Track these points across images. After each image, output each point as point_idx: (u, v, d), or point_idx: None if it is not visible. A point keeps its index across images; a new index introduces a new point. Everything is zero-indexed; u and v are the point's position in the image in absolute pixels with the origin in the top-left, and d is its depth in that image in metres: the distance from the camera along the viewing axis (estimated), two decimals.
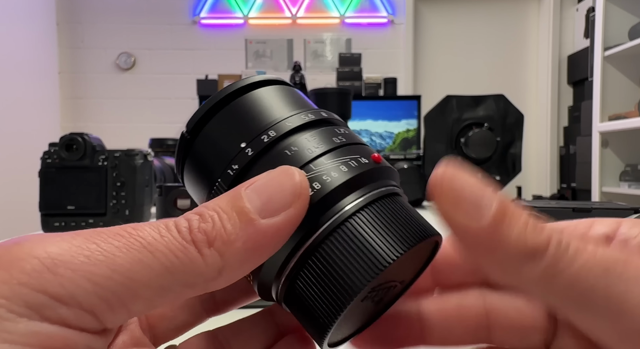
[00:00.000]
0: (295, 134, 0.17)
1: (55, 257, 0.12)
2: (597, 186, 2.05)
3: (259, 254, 0.14)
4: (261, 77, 0.19)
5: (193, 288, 0.14)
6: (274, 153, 0.16)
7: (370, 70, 2.87)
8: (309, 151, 0.16)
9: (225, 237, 0.14)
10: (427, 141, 1.14)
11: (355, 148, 0.17)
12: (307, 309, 0.16)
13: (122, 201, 0.78)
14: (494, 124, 1.10)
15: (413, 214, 0.17)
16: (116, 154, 0.79)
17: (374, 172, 0.16)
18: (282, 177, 0.15)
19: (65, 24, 3.07)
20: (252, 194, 0.15)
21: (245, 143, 0.17)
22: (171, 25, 3.12)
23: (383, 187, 0.17)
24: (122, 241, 0.13)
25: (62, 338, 0.12)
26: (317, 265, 0.15)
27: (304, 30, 3.15)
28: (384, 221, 0.15)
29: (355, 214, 0.15)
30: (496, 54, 3.20)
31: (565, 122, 3.17)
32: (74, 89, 3.10)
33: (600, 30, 1.98)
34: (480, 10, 3.19)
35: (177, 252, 0.13)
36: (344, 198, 0.16)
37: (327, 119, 0.18)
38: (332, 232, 0.15)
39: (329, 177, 0.16)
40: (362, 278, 0.15)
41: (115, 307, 0.13)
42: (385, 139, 2.53)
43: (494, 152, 1.08)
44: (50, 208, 0.77)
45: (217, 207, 0.14)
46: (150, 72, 3.13)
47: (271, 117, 0.17)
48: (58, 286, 0.12)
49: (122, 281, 0.12)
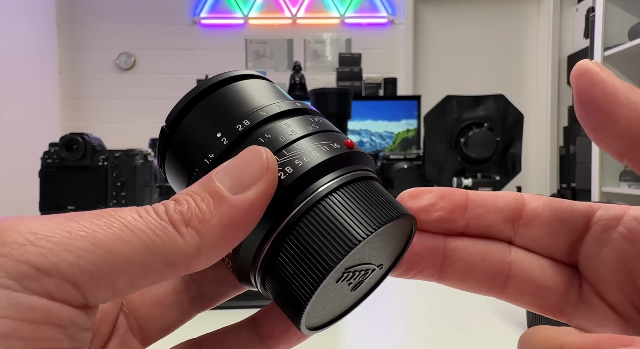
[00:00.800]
0: (269, 123, 0.17)
1: (36, 232, 0.12)
2: (597, 186, 2.05)
3: (235, 230, 0.15)
4: (238, 71, 0.19)
5: (174, 267, 0.14)
6: (248, 141, 0.17)
7: (370, 70, 2.87)
8: (282, 137, 0.17)
9: (201, 215, 0.14)
10: (427, 141, 1.14)
11: (328, 135, 0.18)
12: (283, 291, 0.16)
13: (122, 201, 0.78)
14: (494, 124, 1.10)
15: (386, 196, 0.17)
16: (116, 154, 0.79)
17: (346, 157, 0.17)
18: (249, 156, 0.16)
19: (65, 24, 3.07)
20: (222, 175, 0.15)
21: (220, 133, 0.17)
22: (171, 26, 3.12)
23: (356, 171, 0.17)
24: (102, 220, 0.13)
25: (44, 310, 0.12)
26: (291, 246, 0.16)
27: (304, 30, 3.15)
28: (357, 202, 0.16)
29: (328, 195, 0.16)
30: (496, 54, 3.20)
31: (565, 122, 3.17)
32: (74, 89, 3.10)
33: (600, 31, 1.98)
34: (480, 10, 3.19)
35: (157, 231, 0.14)
36: (317, 181, 0.16)
37: (302, 109, 0.19)
38: (305, 213, 0.16)
39: (301, 162, 0.16)
40: (334, 256, 0.15)
41: (98, 280, 0.13)
42: (385, 139, 2.53)
43: (494, 152, 1.08)
44: (50, 208, 0.77)
45: (190, 191, 0.15)
46: (150, 72, 3.13)
47: (247, 107, 0.18)
48: (40, 256, 0.12)
49: (104, 255, 0.13)
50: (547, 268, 0.18)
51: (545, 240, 0.18)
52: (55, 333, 0.12)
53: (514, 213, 0.18)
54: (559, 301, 0.18)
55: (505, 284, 0.18)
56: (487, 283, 0.18)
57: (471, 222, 0.19)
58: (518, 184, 2.77)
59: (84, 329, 0.13)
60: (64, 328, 0.12)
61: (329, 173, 0.16)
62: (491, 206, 0.19)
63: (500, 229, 0.19)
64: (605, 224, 0.17)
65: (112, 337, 0.18)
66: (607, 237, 0.17)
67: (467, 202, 0.19)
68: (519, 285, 0.18)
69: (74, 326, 0.13)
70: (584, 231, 0.18)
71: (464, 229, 0.19)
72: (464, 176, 1.10)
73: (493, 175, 1.10)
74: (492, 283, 0.18)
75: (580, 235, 0.18)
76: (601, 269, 0.17)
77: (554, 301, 0.18)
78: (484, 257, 0.18)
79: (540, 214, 0.18)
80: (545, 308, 0.18)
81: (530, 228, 0.18)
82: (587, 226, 0.18)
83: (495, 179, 1.09)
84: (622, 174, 2.02)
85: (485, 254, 0.18)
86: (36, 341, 0.12)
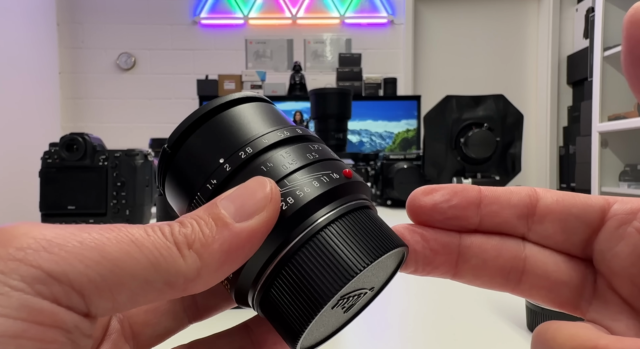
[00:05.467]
0: (271, 150, 0.18)
1: (50, 239, 0.13)
2: (596, 186, 2.05)
3: (235, 256, 0.15)
4: (240, 94, 0.20)
5: (173, 288, 0.14)
6: (250, 169, 0.17)
7: (370, 70, 2.87)
8: (283, 167, 0.17)
9: (203, 239, 0.15)
10: (427, 141, 1.14)
11: (328, 164, 0.18)
12: (280, 316, 0.17)
13: (123, 201, 0.78)
14: (493, 124, 1.10)
15: (381, 226, 0.18)
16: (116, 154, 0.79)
17: (345, 187, 0.18)
18: (254, 185, 0.16)
19: (65, 24, 3.07)
20: (227, 203, 0.16)
21: (223, 159, 0.18)
22: (171, 26, 3.13)
23: (353, 201, 0.18)
24: (112, 234, 0.14)
25: (52, 314, 0.12)
26: (290, 275, 0.16)
27: (304, 30, 3.15)
28: (353, 233, 0.17)
29: (326, 227, 0.16)
30: (496, 54, 3.21)
31: (564, 122, 3.17)
32: (74, 89, 3.10)
33: (599, 31, 1.98)
34: (480, 10, 3.19)
35: (162, 250, 0.14)
36: (316, 212, 0.17)
37: (303, 136, 0.19)
38: (305, 244, 0.16)
39: (302, 193, 0.17)
40: (331, 288, 0.16)
41: (102, 291, 0.13)
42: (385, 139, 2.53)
43: (493, 152, 1.08)
44: (51, 208, 0.77)
45: (195, 215, 0.16)
46: (150, 72, 3.13)
47: (249, 133, 0.18)
48: (52, 263, 0.12)
49: (111, 268, 0.13)
50: (561, 263, 0.18)
51: (559, 236, 0.18)
52: (60, 337, 0.13)
53: (528, 210, 0.18)
54: (573, 295, 0.18)
55: (519, 279, 0.18)
56: (501, 279, 0.19)
57: (485, 219, 0.19)
58: (518, 184, 2.77)
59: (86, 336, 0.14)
60: (69, 332, 0.13)
61: (328, 204, 0.17)
62: (504, 203, 0.19)
63: (514, 225, 0.19)
64: (621, 219, 0.17)
65: (104, 341, 0.18)
66: (622, 232, 0.17)
67: (480, 199, 0.19)
68: (534, 280, 0.18)
69: (78, 331, 0.13)
70: (599, 226, 0.18)
71: (477, 225, 0.19)
72: (463, 176, 1.10)
73: (493, 175, 1.10)
74: (507, 278, 0.19)
75: (595, 230, 0.18)
76: (615, 263, 0.17)
77: (568, 296, 0.18)
78: (499, 253, 0.18)
79: (554, 210, 0.18)
80: (559, 302, 0.18)
81: (544, 224, 0.18)
82: (602, 220, 0.18)
83: (495, 179, 1.09)
84: (622, 174, 2.02)
85: (500, 251, 0.18)
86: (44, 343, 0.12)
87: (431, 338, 0.41)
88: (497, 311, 0.46)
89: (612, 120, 1.96)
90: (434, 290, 0.53)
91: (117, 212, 0.78)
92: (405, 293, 0.53)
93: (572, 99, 3.14)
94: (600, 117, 2.00)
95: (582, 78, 2.85)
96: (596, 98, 2.02)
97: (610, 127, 1.95)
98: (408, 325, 0.44)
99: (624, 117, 1.92)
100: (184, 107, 3.04)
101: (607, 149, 2.03)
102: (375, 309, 0.49)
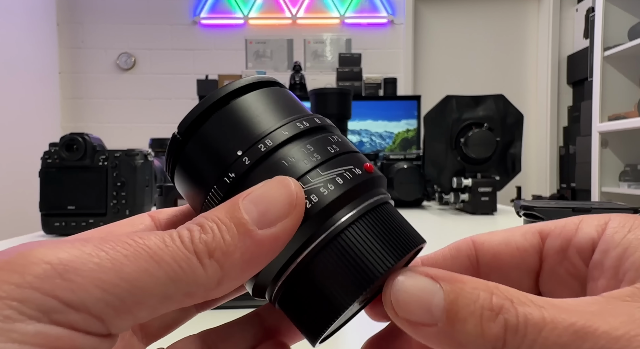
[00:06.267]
0: (291, 143, 0.17)
1: (66, 264, 0.13)
2: (596, 186, 2.05)
3: (256, 264, 0.15)
4: (253, 78, 0.19)
5: (193, 297, 0.14)
6: (270, 163, 0.17)
7: (370, 70, 2.87)
8: (304, 162, 0.17)
9: (225, 248, 0.14)
10: (427, 141, 1.14)
11: (349, 158, 0.18)
12: (301, 314, 0.17)
13: (122, 201, 0.78)
14: (493, 124, 1.10)
15: (401, 223, 0.18)
16: (116, 154, 0.79)
17: (367, 184, 0.17)
18: (279, 188, 0.16)
19: (65, 24, 3.07)
20: (249, 205, 0.15)
21: (241, 151, 0.17)
22: (171, 26, 3.13)
23: (374, 197, 0.17)
24: (129, 250, 0.13)
25: (69, 340, 0.12)
26: (314, 274, 0.16)
27: (304, 30, 3.15)
28: (376, 233, 0.16)
29: (349, 226, 0.16)
30: (496, 54, 3.20)
31: (565, 122, 3.17)
32: (74, 89, 3.10)
33: (599, 31, 1.98)
34: (480, 10, 3.19)
35: (181, 263, 0.14)
36: (339, 211, 0.16)
37: (322, 127, 0.19)
38: (329, 243, 0.16)
39: (325, 190, 0.16)
40: (355, 290, 0.16)
41: (121, 313, 0.13)
42: (385, 139, 2.53)
43: (493, 152, 1.08)
44: (51, 208, 0.77)
45: (216, 218, 0.15)
46: (150, 72, 3.13)
47: (267, 124, 0.18)
48: (68, 291, 0.12)
49: (129, 289, 0.13)
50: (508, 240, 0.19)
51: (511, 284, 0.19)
52: None
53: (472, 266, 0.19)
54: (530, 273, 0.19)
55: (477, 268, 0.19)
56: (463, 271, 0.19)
57: None
58: (518, 184, 2.77)
59: None
60: None
61: (351, 202, 0.17)
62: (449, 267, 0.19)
63: None
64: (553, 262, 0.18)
65: None
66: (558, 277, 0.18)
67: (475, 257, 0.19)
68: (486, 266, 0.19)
69: None
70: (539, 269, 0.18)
71: None
72: (463, 176, 1.10)
73: (493, 175, 1.10)
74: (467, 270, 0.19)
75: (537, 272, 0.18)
76: None
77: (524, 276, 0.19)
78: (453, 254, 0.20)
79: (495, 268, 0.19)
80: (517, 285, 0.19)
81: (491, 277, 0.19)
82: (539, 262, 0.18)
83: (495, 179, 1.09)
84: (622, 174, 2.02)
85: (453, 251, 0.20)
86: None
87: None
88: None
89: (612, 120, 1.96)
90: None
91: (117, 212, 0.78)
92: None
93: (572, 99, 3.14)
94: (601, 117, 2.00)
95: (582, 78, 2.85)
96: (596, 98, 2.02)
97: (611, 127, 1.95)
98: None
99: (624, 117, 1.92)
100: (184, 107, 3.03)
101: (607, 149, 2.03)
102: None
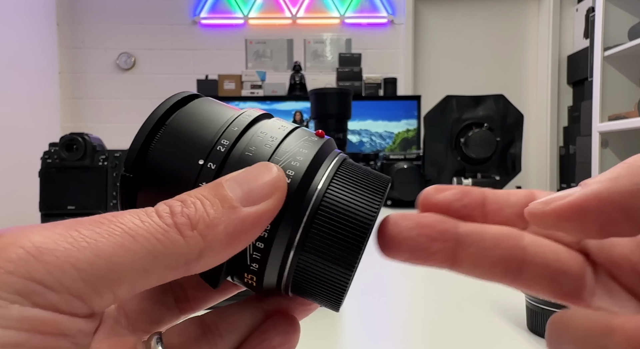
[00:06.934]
0: (244, 135, 0.18)
1: (39, 246, 0.12)
2: None
3: (239, 239, 0.15)
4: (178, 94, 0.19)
5: (174, 270, 0.14)
6: (235, 159, 0.17)
7: (370, 70, 2.87)
8: (267, 145, 0.17)
9: (208, 220, 0.14)
10: (427, 141, 1.14)
11: (301, 131, 0.19)
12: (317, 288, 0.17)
13: None
14: (493, 124, 1.10)
15: (366, 170, 0.19)
16: (116, 154, 0.79)
17: (325, 146, 0.18)
18: (261, 171, 0.16)
19: (65, 24, 3.07)
20: (233, 185, 0.15)
21: (203, 159, 0.17)
22: (171, 25, 3.13)
23: (335, 157, 0.18)
24: (103, 228, 0.13)
25: (53, 322, 0.12)
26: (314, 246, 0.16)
27: (304, 30, 3.15)
28: (352, 186, 0.17)
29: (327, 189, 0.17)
30: (496, 54, 3.20)
31: (565, 122, 3.17)
32: (74, 89, 3.10)
33: (600, 31, 1.98)
34: (480, 10, 3.19)
35: (158, 236, 0.14)
36: (315, 177, 0.17)
37: (262, 115, 0.19)
38: (316, 213, 0.17)
39: (297, 162, 0.17)
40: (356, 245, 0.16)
41: (101, 291, 0.13)
42: (385, 139, 2.53)
43: (493, 152, 1.08)
44: (51, 208, 0.77)
45: (199, 195, 0.15)
46: (150, 72, 3.13)
47: (214, 128, 0.18)
48: (45, 272, 0.12)
49: (106, 266, 0.13)
50: (560, 252, 0.18)
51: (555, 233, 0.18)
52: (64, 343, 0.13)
53: None
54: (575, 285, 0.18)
55: (520, 269, 0.18)
56: (501, 269, 0.18)
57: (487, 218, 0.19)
58: (518, 184, 2.77)
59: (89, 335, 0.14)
60: (72, 337, 0.13)
61: (320, 165, 0.17)
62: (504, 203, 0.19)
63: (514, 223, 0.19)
64: None
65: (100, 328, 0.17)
66: None
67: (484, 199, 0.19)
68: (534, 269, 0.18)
69: (81, 334, 0.13)
70: None
71: None
72: (463, 176, 1.10)
73: (493, 175, 1.10)
74: (507, 268, 0.18)
75: None
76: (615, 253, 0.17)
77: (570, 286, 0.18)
78: (498, 242, 0.18)
79: None
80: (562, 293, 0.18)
81: None
82: None
83: (495, 179, 1.09)
84: None
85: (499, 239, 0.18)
86: None
87: (431, 338, 0.41)
88: (497, 311, 0.46)
89: (612, 120, 1.96)
90: (434, 290, 0.53)
91: None
92: (405, 292, 0.53)
93: (572, 99, 3.14)
94: (601, 117, 2.00)
95: (582, 78, 2.85)
96: (596, 98, 2.02)
97: (611, 127, 1.95)
98: (408, 325, 0.44)
99: (624, 117, 1.92)
100: None
101: (607, 149, 2.03)
102: (375, 309, 0.48)
